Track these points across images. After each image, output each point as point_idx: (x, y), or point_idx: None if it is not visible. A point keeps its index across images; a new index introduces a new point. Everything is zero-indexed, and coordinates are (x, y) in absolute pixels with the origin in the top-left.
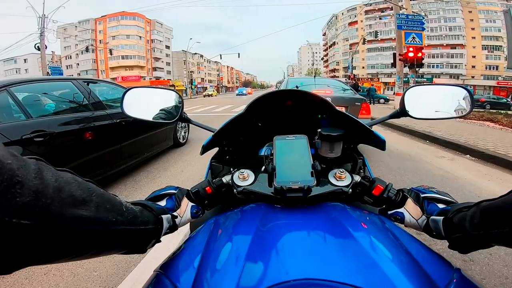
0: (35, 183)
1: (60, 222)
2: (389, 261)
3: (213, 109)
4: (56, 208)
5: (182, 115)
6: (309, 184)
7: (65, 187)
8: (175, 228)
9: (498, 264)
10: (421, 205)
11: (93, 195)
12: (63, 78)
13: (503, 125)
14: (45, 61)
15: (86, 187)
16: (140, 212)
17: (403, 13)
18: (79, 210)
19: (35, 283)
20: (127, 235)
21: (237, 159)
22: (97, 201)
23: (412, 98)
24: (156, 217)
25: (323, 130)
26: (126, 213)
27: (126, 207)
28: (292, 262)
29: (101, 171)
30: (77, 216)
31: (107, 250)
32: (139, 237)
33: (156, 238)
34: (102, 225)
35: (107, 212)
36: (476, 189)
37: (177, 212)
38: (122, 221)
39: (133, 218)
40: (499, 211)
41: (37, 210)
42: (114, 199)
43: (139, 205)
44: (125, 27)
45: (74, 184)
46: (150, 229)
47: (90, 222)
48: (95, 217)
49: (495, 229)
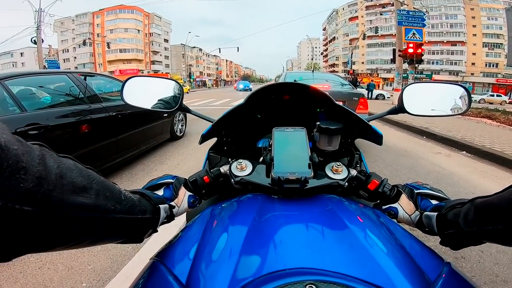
0: (38, 169)
1: (61, 209)
2: (382, 253)
3: (211, 103)
4: (58, 194)
5: (182, 104)
6: (306, 176)
7: (66, 173)
8: (172, 217)
9: (489, 262)
10: (415, 201)
11: (93, 183)
12: (58, 72)
13: (500, 122)
14: (42, 54)
15: (86, 174)
16: (138, 201)
17: (404, 9)
18: (79, 197)
19: (29, 277)
20: (125, 223)
21: (235, 149)
22: (97, 189)
23: (410, 95)
24: (154, 207)
25: (322, 123)
26: (124, 202)
27: (125, 195)
28: (288, 251)
29: (97, 164)
30: (78, 204)
31: (105, 238)
32: (136, 226)
33: (153, 227)
34: (101, 213)
35: (106, 200)
36: (471, 185)
37: (175, 201)
38: (120, 210)
39: (131, 207)
40: (494, 208)
41: (39, 196)
42: (114, 187)
43: (138, 193)
44: (123, 20)
45: (75, 171)
46: (148, 218)
47: (90, 209)
48: (94, 205)
49: (489, 226)
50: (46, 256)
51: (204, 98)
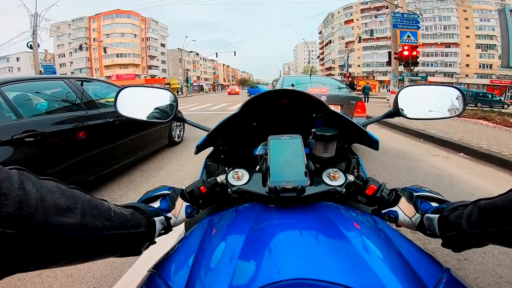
0: (18, 193)
1: (45, 231)
2: (380, 261)
3: (209, 108)
4: (41, 217)
5: (177, 114)
6: (302, 184)
7: (47, 196)
8: (169, 229)
9: (492, 263)
10: (415, 203)
11: (77, 203)
12: (55, 77)
13: (496, 123)
14: (38, 59)
15: (70, 194)
16: (131, 216)
17: (398, 12)
18: (64, 218)
19: (28, 284)
20: (117, 239)
21: (232, 158)
22: (82, 208)
23: (405, 98)
24: (148, 220)
25: (317, 130)
26: (114, 218)
27: (115, 212)
28: (284, 262)
29: (95, 171)
30: (63, 224)
31: (99, 255)
32: (130, 240)
33: (150, 240)
34: (88, 231)
35: (93, 218)
36: (470, 187)
37: (172, 212)
38: (110, 226)
39: (123, 222)
40: (499, 209)
41: (21, 219)
42: (102, 205)
43: (131, 207)
44: (119, 25)
45: (57, 193)
46: (142, 232)
47: (76, 229)
48: (80, 224)
49: (493, 228)
50: None
51: (202, 103)
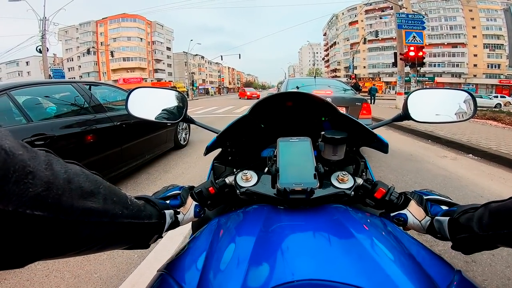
0: (46, 174)
1: (71, 214)
2: (391, 263)
3: (215, 110)
4: (68, 199)
5: (186, 115)
6: (312, 186)
7: (74, 178)
8: (177, 224)
9: (501, 265)
10: (424, 207)
11: (100, 187)
12: (63, 81)
13: (505, 123)
14: (47, 63)
15: (93, 179)
16: (143, 206)
17: (403, 13)
18: (88, 202)
19: (36, 285)
20: (131, 228)
21: (240, 160)
22: (104, 193)
23: (415, 101)
24: (159, 212)
25: (327, 133)
26: (131, 206)
27: (131, 200)
28: (296, 263)
29: (102, 174)
30: (87, 208)
31: (113, 244)
32: (142, 230)
33: (159, 232)
34: (109, 217)
35: (114, 204)
36: (479, 188)
37: (181, 209)
38: (127, 214)
39: (137, 211)
40: (510, 212)
41: (49, 201)
42: (120, 192)
43: (142, 199)
44: (126, 29)
45: (82, 176)
46: (153, 223)
47: (99, 214)
48: (103, 209)
49: (504, 230)
50: (53, 264)
51: (207, 106)
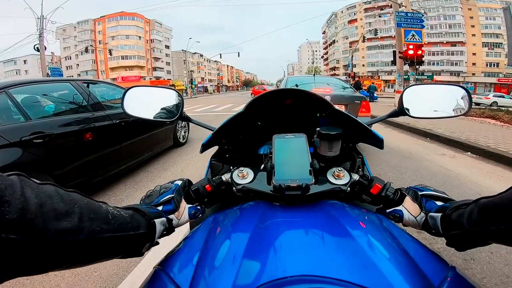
0: (20, 200)
1: (43, 235)
2: (385, 259)
3: (213, 109)
4: (39, 222)
5: (182, 113)
6: (307, 183)
7: (46, 201)
8: (171, 230)
9: (499, 263)
10: (420, 202)
11: (75, 207)
12: (61, 79)
13: (504, 122)
14: (45, 62)
15: (68, 199)
16: (131, 218)
17: (402, 11)
18: (62, 223)
19: (36, 284)
20: (116, 241)
21: (237, 157)
22: (80, 212)
23: (410, 97)
24: (148, 221)
25: (322, 129)
26: (112, 221)
27: (113, 214)
28: (289, 259)
29: (101, 172)
30: (60, 229)
31: (100, 257)
32: (129, 242)
33: (150, 241)
34: (85, 235)
35: (91, 221)
36: (477, 186)
37: (175, 214)
38: (108, 229)
39: (121, 224)
40: (497, 208)
41: (23, 225)
42: (100, 208)
43: (132, 209)
44: (124, 27)
45: (56, 198)
46: (142, 234)
47: (73, 233)
48: (78, 228)
49: (492, 226)
50: None
51: (206, 104)
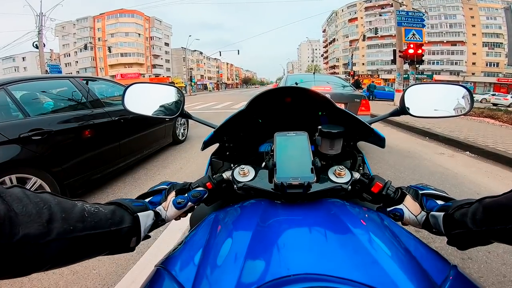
0: None
1: (11, 239)
2: (387, 257)
3: (213, 106)
4: (6, 227)
5: (183, 110)
6: (309, 181)
7: (13, 204)
8: (162, 222)
9: (496, 263)
10: (420, 201)
11: (44, 208)
12: (60, 76)
13: (503, 121)
14: (44, 59)
15: (36, 200)
16: (111, 213)
17: (403, 10)
18: (31, 225)
19: (35, 282)
20: (93, 239)
21: (238, 155)
22: (49, 213)
23: (412, 96)
24: (132, 215)
25: (323, 127)
26: (89, 219)
27: (90, 212)
28: (292, 257)
29: (100, 169)
30: (29, 232)
31: (81, 256)
32: (112, 238)
33: (137, 235)
34: (56, 235)
35: (62, 222)
36: (476, 185)
37: (162, 205)
38: (83, 227)
39: (99, 221)
40: (503, 208)
41: None
42: (74, 207)
43: (114, 204)
44: (123, 24)
45: (24, 200)
46: (126, 228)
47: (42, 235)
48: (47, 230)
49: (497, 226)
50: None
51: (206, 102)
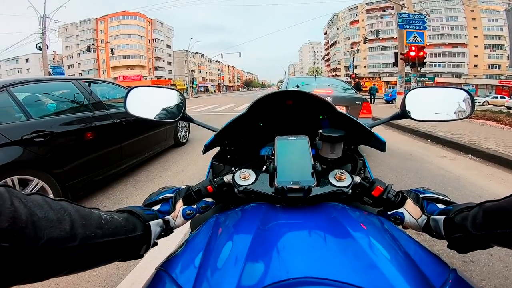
0: (11, 210)
1: (36, 243)
2: (387, 261)
3: (214, 108)
4: (31, 231)
5: (185, 114)
6: (309, 185)
7: (35, 210)
8: (170, 231)
9: (498, 265)
10: (421, 205)
11: (65, 214)
12: (63, 78)
13: (505, 124)
14: (47, 61)
15: (57, 207)
16: (125, 221)
17: (404, 12)
18: (54, 230)
19: (35, 283)
20: (112, 246)
21: (238, 158)
22: (70, 219)
23: (413, 100)
24: (144, 224)
25: (324, 131)
26: (106, 226)
27: (106, 219)
28: (292, 261)
29: (102, 171)
30: (53, 237)
31: (97, 262)
32: (127, 245)
33: (147, 243)
34: (80, 241)
35: (83, 228)
36: (478, 189)
37: (172, 215)
38: (102, 234)
39: (116, 229)
40: (503, 212)
41: (14, 234)
42: (91, 214)
43: (127, 212)
44: (126, 26)
45: (45, 206)
46: (139, 236)
47: (65, 240)
48: (70, 235)
49: (497, 230)
50: None
51: (207, 104)
